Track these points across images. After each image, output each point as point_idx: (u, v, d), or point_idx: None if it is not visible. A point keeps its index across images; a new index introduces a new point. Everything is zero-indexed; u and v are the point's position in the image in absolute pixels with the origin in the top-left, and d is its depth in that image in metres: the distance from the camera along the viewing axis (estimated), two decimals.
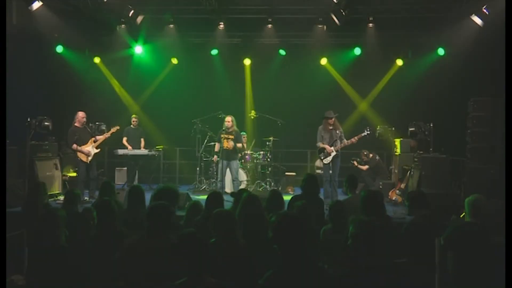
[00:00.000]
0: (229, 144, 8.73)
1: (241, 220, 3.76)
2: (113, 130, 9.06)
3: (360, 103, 11.59)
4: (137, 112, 11.13)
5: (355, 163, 10.01)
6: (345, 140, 8.30)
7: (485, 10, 8.74)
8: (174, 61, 11.45)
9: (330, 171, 8.23)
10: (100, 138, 8.83)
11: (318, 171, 9.93)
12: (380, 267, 2.84)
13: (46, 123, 8.40)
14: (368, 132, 8.39)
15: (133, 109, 11.51)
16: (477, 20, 8.89)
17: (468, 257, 3.98)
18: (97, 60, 11.36)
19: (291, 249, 2.78)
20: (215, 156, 9.62)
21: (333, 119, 8.28)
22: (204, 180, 10.17)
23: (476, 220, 4.14)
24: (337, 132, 8.28)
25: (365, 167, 9.94)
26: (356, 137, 8.32)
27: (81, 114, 8.68)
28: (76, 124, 8.64)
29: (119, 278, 3.45)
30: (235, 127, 8.91)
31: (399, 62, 11.03)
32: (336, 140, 8.24)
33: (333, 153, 8.24)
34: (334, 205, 4.48)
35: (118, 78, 11.84)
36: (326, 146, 8.28)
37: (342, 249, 3.61)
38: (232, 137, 8.79)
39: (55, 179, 8.90)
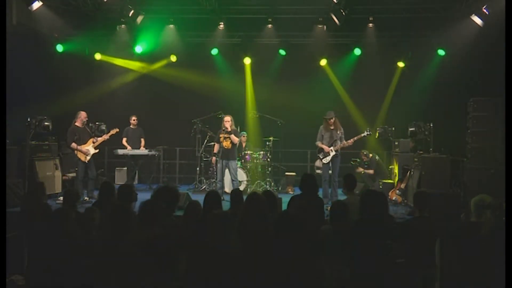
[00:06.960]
0: (227, 142, 8.72)
1: (244, 220, 3.70)
2: (112, 132, 9.05)
3: (360, 103, 11.57)
4: (137, 112, 11.12)
5: (361, 168, 9.81)
6: (344, 140, 8.33)
7: (485, 10, 8.75)
8: (173, 58, 11.43)
9: (330, 171, 8.32)
10: (99, 139, 8.82)
11: (318, 171, 9.91)
12: (380, 267, 2.84)
13: (46, 123, 8.38)
14: (369, 133, 8.47)
15: (133, 109, 11.49)
16: (477, 20, 8.89)
17: (478, 250, 3.98)
18: (98, 56, 11.33)
19: (288, 250, 2.75)
20: (213, 158, 9.64)
21: (332, 120, 8.32)
22: (204, 180, 10.17)
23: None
24: (338, 132, 8.35)
25: (371, 171, 9.73)
26: (355, 137, 8.41)
27: (84, 114, 8.69)
28: (77, 124, 8.62)
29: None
30: (233, 127, 8.92)
31: (400, 64, 11.02)
32: (336, 140, 8.31)
33: (332, 153, 8.30)
34: (335, 205, 4.47)
35: (118, 78, 11.84)
36: (324, 146, 8.34)
37: (342, 249, 3.61)
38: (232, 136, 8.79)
39: (55, 179, 8.90)
